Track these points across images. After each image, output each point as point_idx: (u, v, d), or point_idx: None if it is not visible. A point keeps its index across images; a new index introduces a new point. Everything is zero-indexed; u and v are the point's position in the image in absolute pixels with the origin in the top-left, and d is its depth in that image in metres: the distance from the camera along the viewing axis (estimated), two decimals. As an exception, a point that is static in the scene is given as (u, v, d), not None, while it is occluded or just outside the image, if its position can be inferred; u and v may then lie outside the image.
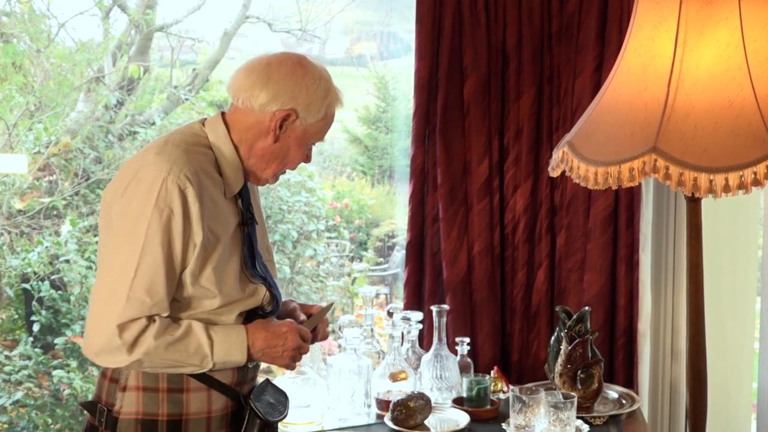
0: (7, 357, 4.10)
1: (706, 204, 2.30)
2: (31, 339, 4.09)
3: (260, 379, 1.96)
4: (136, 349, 1.70)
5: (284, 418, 1.94)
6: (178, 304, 1.77)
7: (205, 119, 1.90)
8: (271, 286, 1.90)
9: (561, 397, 2.04)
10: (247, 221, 1.89)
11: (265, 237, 2.01)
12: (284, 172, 1.95)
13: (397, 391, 2.36)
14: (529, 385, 2.32)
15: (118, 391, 1.80)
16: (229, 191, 1.85)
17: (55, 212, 4.35)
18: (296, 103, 1.82)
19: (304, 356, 2.32)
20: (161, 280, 1.72)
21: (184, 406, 1.79)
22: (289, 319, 1.91)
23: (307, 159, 1.94)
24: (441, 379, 2.48)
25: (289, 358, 1.88)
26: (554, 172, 2.32)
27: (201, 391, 1.81)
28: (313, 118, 1.85)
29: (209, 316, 1.79)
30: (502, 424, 2.19)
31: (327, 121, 1.89)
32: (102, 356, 1.74)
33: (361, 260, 5.17)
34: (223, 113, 1.88)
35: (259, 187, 2.04)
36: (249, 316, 1.87)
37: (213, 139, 1.85)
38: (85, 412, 1.88)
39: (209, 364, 1.78)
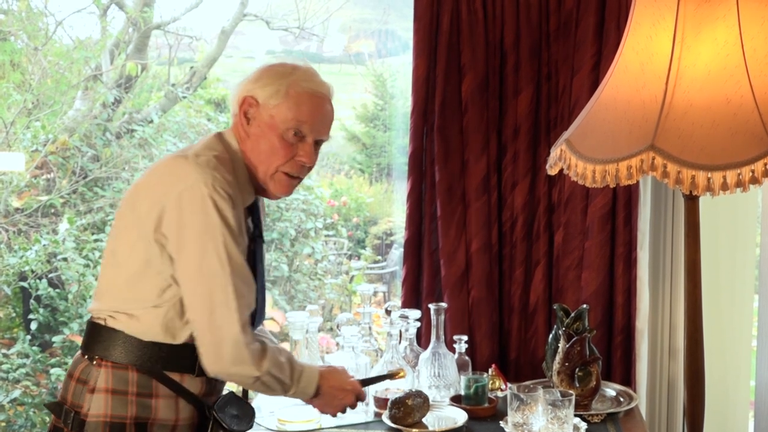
0: (4, 355, 4.10)
1: (704, 202, 2.30)
2: (28, 337, 4.09)
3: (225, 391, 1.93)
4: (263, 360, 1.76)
5: (248, 429, 1.91)
6: None
7: (221, 133, 1.86)
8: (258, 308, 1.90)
9: (559, 394, 2.04)
10: (255, 237, 1.86)
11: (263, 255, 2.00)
12: (290, 176, 1.85)
13: (395, 389, 2.35)
14: (527, 382, 2.32)
15: (87, 393, 1.75)
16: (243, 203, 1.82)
17: (52, 210, 4.34)
18: (251, 88, 1.80)
19: (303, 353, 2.34)
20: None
21: (152, 411, 1.76)
22: (356, 379, 2.01)
23: (306, 156, 1.82)
24: (439, 377, 2.48)
25: (339, 409, 1.97)
26: (552, 170, 2.32)
27: (169, 399, 1.78)
28: (273, 99, 1.79)
29: None
30: (500, 422, 2.18)
31: (297, 101, 1.79)
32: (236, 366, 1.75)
33: (359, 258, 5.16)
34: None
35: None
36: None
37: (231, 151, 1.82)
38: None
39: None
